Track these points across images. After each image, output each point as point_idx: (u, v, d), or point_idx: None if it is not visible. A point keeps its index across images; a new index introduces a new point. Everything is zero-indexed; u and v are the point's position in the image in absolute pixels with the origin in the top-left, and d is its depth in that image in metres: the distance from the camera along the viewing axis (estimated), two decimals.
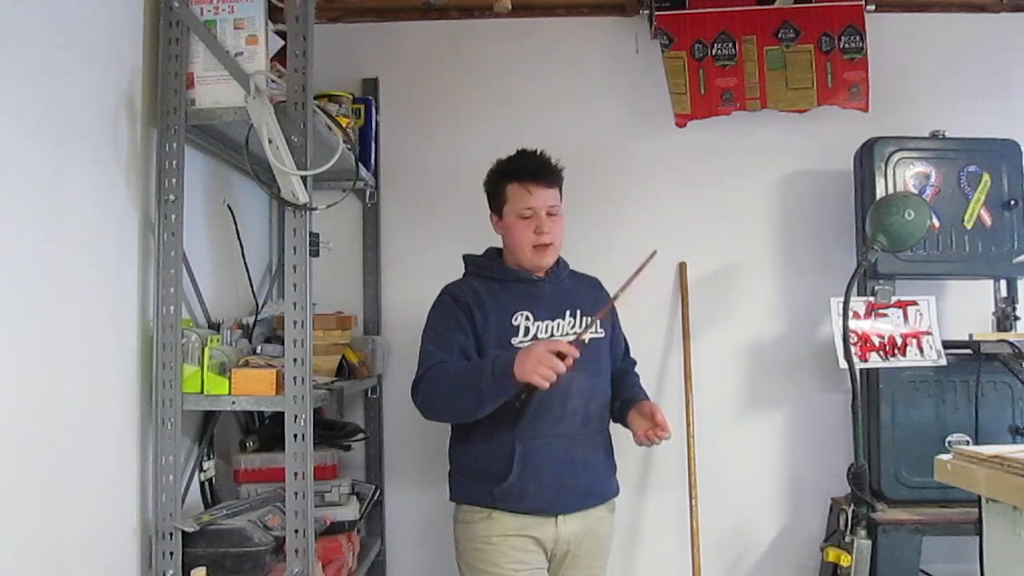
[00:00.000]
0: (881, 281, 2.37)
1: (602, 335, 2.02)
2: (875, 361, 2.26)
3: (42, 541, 1.40)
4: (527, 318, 1.94)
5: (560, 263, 2.06)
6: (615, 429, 2.08)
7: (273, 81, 1.76)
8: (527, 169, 1.98)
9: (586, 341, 1.89)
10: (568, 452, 1.91)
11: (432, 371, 1.86)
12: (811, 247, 2.69)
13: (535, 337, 1.92)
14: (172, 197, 1.75)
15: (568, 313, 1.99)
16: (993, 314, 2.45)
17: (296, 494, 1.71)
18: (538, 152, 2.01)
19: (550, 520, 1.91)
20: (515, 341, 1.91)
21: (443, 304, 1.97)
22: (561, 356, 1.70)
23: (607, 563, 2.06)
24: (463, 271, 2.08)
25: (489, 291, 1.97)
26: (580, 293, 2.05)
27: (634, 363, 2.20)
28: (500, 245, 2.07)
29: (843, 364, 2.13)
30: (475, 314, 1.92)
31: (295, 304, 1.73)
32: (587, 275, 2.15)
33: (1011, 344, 2.28)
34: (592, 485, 1.97)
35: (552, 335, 1.94)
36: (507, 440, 1.88)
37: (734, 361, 2.69)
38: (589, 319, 1.96)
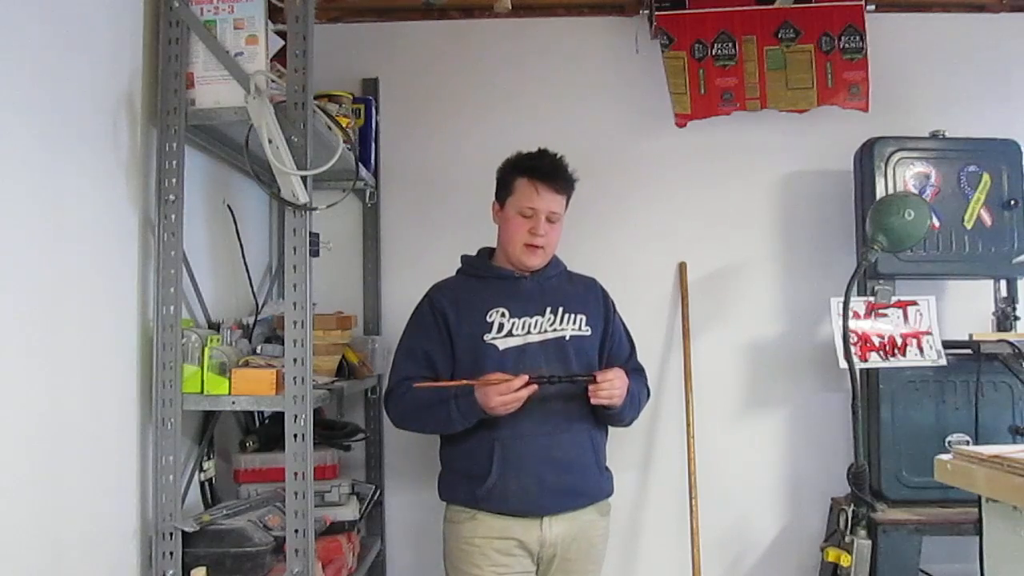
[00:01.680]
0: (881, 281, 2.37)
1: (587, 333, 2.01)
2: (875, 361, 2.25)
3: (42, 541, 1.40)
4: (502, 314, 1.96)
5: (551, 263, 2.06)
6: (614, 431, 2.08)
7: (273, 81, 1.76)
8: (541, 169, 1.99)
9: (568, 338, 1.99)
10: (550, 451, 1.90)
11: (399, 389, 1.97)
12: (811, 247, 2.69)
13: (510, 333, 1.94)
14: (172, 197, 1.75)
15: (548, 310, 1.99)
16: (993, 314, 2.45)
17: (296, 494, 1.71)
18: (558, 156, 2.03)
19: (535, 522, 1.90)
20: (487, 337, 1.93)
21: (420, 309, 2.04)
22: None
23: (601, 568, 2.04)
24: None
25: (469, 288, 2.01)
26: (567, 291, 2.05)
27: (641, 369, 2.15)
28: (495, 244, 2.09)
29: (843, 364, 2.13)
30: (449, 314, 1.97)
31: (295, 304, 1.73)
32: (584, 275, 2.15)
33: (1011, 344, 2.28)
34: (577, 485, 1.94)
35: (528, 331, 1.96)
36: (487, 439, 1.89)
37: (734, 361, 2.69)
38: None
